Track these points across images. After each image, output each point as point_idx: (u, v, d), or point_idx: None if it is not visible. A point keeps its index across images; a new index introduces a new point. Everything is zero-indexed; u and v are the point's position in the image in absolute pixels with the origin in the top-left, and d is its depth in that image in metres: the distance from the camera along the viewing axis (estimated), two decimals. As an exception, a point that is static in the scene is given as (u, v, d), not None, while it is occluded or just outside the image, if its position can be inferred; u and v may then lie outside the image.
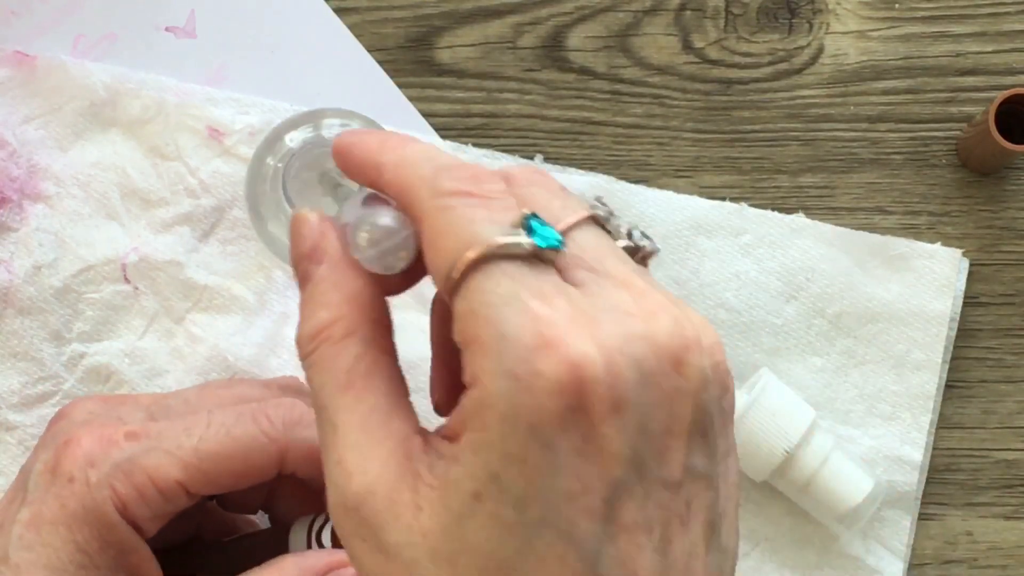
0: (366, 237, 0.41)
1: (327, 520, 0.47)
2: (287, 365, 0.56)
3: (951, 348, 0.57)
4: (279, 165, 0.50)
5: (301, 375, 0.55)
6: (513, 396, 0.29)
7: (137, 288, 0.56)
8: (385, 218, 0.42)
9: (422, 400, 0.56)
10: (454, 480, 0.31)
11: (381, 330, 0.35)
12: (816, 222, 0.57)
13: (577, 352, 0.29)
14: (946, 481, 0.57)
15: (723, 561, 0.33)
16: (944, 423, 0.57)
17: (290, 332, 0.56)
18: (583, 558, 0.30)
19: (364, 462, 0.32)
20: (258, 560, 0.46)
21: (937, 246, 0.57)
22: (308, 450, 0.45)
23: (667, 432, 0.31)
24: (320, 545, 0.48)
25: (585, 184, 0.57)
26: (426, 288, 0.57)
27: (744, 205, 0.57)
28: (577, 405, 0.29)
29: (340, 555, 0.46)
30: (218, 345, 0.56)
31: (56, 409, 0.56)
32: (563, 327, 0.30)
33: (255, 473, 0.45)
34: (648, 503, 0.31)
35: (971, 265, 0.57)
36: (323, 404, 0.34)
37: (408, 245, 0.40)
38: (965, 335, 0.57)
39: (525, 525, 0.30)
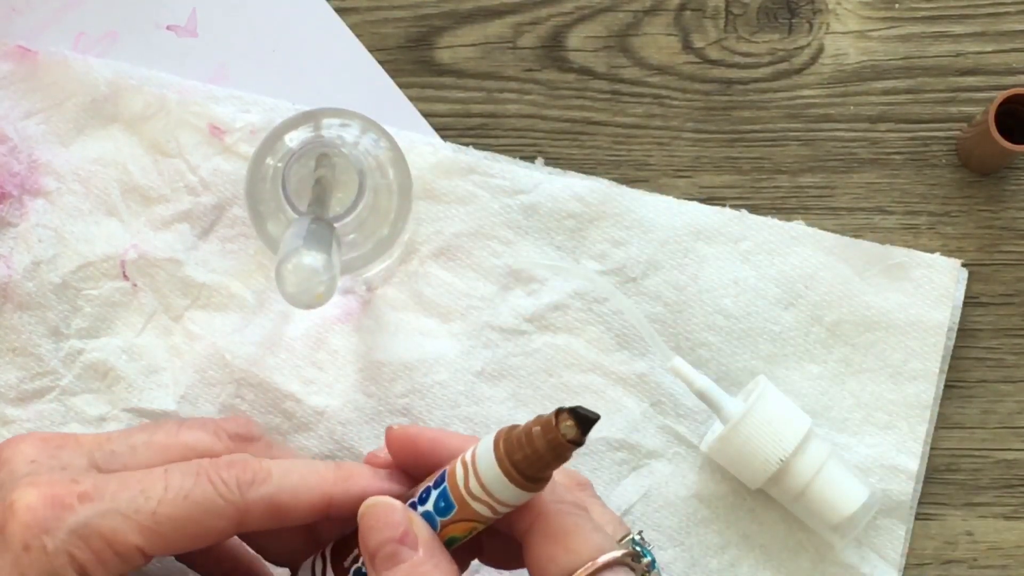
0: (291, 273, 0.42)
1: (326, 560, 0.47)
2: (285, 364, 0.56)
3: (949, 358, 0.57)
4: (279, 165, 0.50)
5: (299, 375, 0.56)
6: None
7: (136, 285, 0.56)
8: (310, 258, 0.43)
9: (420, 401, 0.56)
10: None
11: None
12: (816, 230, 0.57)
13: None
14: (946, 481, 0.57)
15: None
16: (944, 423, 0.57)
17: (288, 331, 0.56)
18: None
19: None
20: None
21: (936, 256, 0.57)
22: (266, 508, 0.45)
23: None
24: None
25: (585, 188, 0.57)
26: (425, 288, 0.57)
27: (744, 211, 0.57)
28: None
29: None
30: (216, 343, 0.56)
31: (53, 405, 0.56)
32: None
33: (212, 535, 0.44)
34: None
35: (971, 265, 0.57)
36: None
37: (330, 289, 0.42)
38: (965, 335, 0.57)
39: None
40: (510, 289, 0.57)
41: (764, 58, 0.58)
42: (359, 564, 0.45)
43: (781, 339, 0.56)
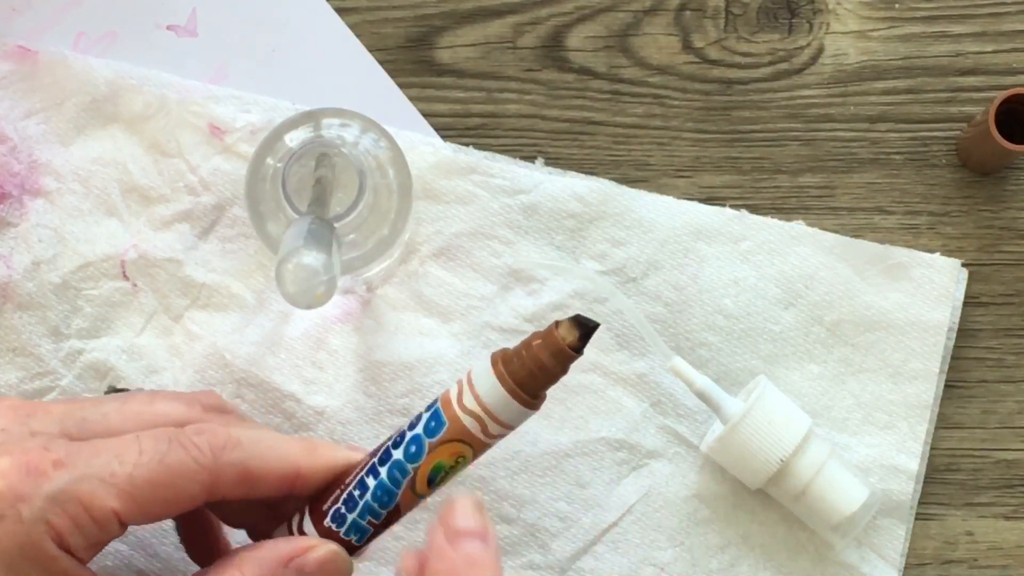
0: (291, 273, 0.43)
1: (303, 514, 0.48)
2: (285, 364, 0.56)
3: (949, 358, 0.57)
4: (279, 165, 0.50)
5: (299, 375, 0.56)
6: None
7: (136, 285, 0.56)
8: (310, 258, 0.44)
9: (420, 401, 0.56)
10: None
11: None
12: (816, 230, 0.57)
13: None
14: (946, 481, 0.57)
15: None
16: (944, 423, 0.57)
17: (288, 331, 0.56)
18: None
19: None
20: None
21: (936, 256, 0.57)
22: (237, 474, 0.45)
23: None
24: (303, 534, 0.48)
25: (585, 188, 0.57)
26: (425, 288, 0.57)
27: (744, 211, 0.57)
28: None
29: (301, 540, 0.46)
30: (216, 343, 0.56)
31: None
32: None
33: (186, 500, 0.44)
34: None
35: (971, 265, 0.57)
36: None
37: (330, 289, 0.43)
38: (965, 335, 0.57)
39: None
40: (510, 289, 0.57)
41: (764, 58, 0.58)
42: (339, 505, 0.47)
43: (781, 339, 0.56)
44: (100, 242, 0.56)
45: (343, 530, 0.47)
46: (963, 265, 0.57)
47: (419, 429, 0.46)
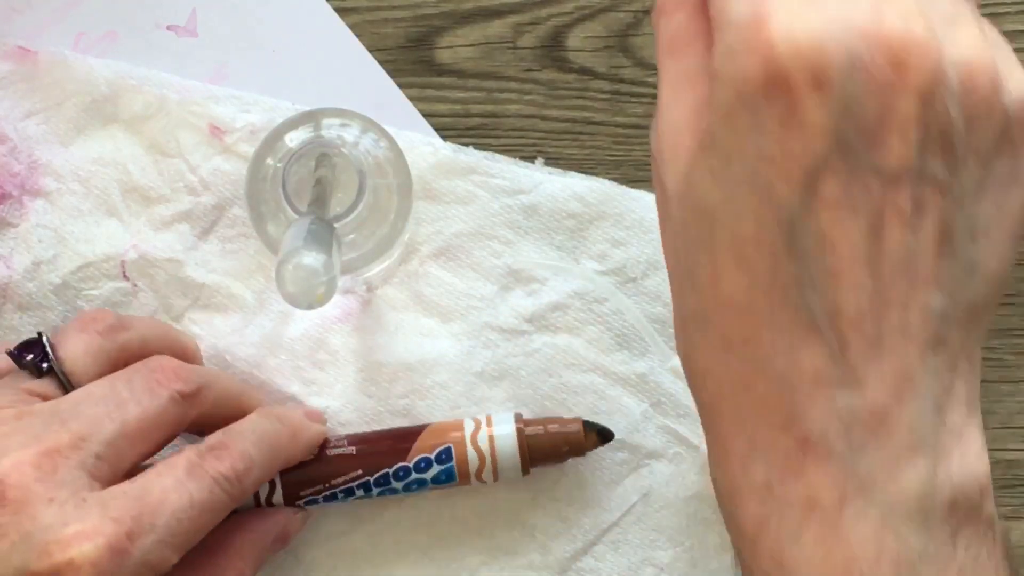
0: (291, 273, 0.44)
1: (272, 487, 0.52)
2: (285, 365, 0.56)
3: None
4: (279, 165, 0.50)
5: (300, 376, 0.56)
6: (725, 66, 0.34)
7: (136, 285, 0.56)
8: (310, 258, 0.45)
9: (419, 402, 0.56)
10: None
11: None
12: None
13: (781, 30, 0.33)
14: (946, 481, 0.57)
15: (963, 274, 0.35)
16: (944, 423, 0.57)
17: (288, 332, 0.56)
18: (780, 221, 0.34)
19: (670, 111, 0.37)
20: None
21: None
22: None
23: (879, 121, 0.33)
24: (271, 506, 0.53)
25: (585, 188, 0.57)
26: (425, 288, 0.57)
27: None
28: (778, 78, 0.33)
29: (280, 512, 0.52)
30: (216, 344, 0.56)
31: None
32: (780, 9, 0.33)
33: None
34: (853, 185, 0.34)
35: (971, 265, 0.57)
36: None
37: (330, 289, 0.44)
38: (965, 335, 0.57)
39: (729, 179, 0.34)
40: (510, 289, 0.57)
41: (764, 58, 0.58)
42: (318, 497, 0.53)
43: (781, 339, 0.56)
44: (100, 242, 0.56)
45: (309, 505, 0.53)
46: (963, 265, 0.57)
47: (427, 476, 0.53)
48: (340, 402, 0.56)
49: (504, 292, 0.57)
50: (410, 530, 0.55)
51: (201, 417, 0.49)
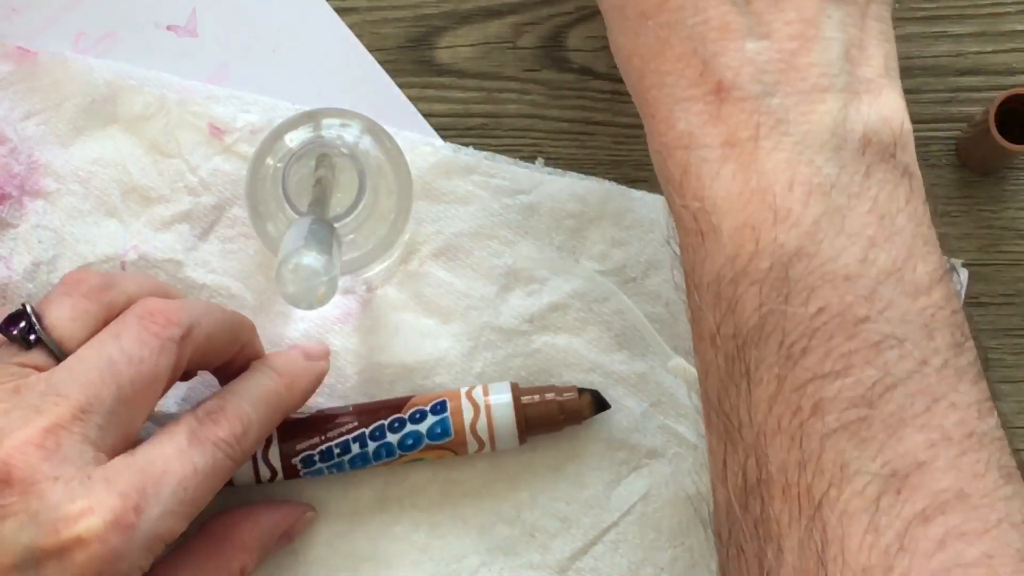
0: (291, 274, 0.45)
1: (268, 444, 0.53)
2: (286, 364, 0.56)
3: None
4: (279, 165, 0.50)
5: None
6: None
7: (136, 286, 0.56)
8: (310, 259, 0.45)
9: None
10: None
11: None
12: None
13: None
14: (946, 481, 0.57)
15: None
16: (944, 423, 0.57)
17: (288, 332, 0.56)
18: None
19: None
20: None
21: (937, 255, 0.57)
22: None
23: None
24: (267, 464, 0.53)
25: (585, 188, 0.57)
26: (425, 288, 0.57)
27: (744, 206, 0.57)
28: None
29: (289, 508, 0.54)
30: (217, 344, 0.56)
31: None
32: None
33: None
34: None
35: (971, 265, 0.57)
36: None
37: (330, 290, 0.45)
38: (965, 335, 0.57)
39: None
40: (510, 289, 0.57)
41: (764, 58, 0.58)
42: (314, 453, 0.53)
43: (781, 339, 0.56)
44: (100, 243, 0.56)
45: (305, 471, 0.53)
46: (963, 265, 0.57)
47: (422, 428, 0.53)
48: (340, 403, 0.56)
49: (504, 292, 0.57)
50: (410, 530, 0.55)
51: (196, 354, 0.49)
